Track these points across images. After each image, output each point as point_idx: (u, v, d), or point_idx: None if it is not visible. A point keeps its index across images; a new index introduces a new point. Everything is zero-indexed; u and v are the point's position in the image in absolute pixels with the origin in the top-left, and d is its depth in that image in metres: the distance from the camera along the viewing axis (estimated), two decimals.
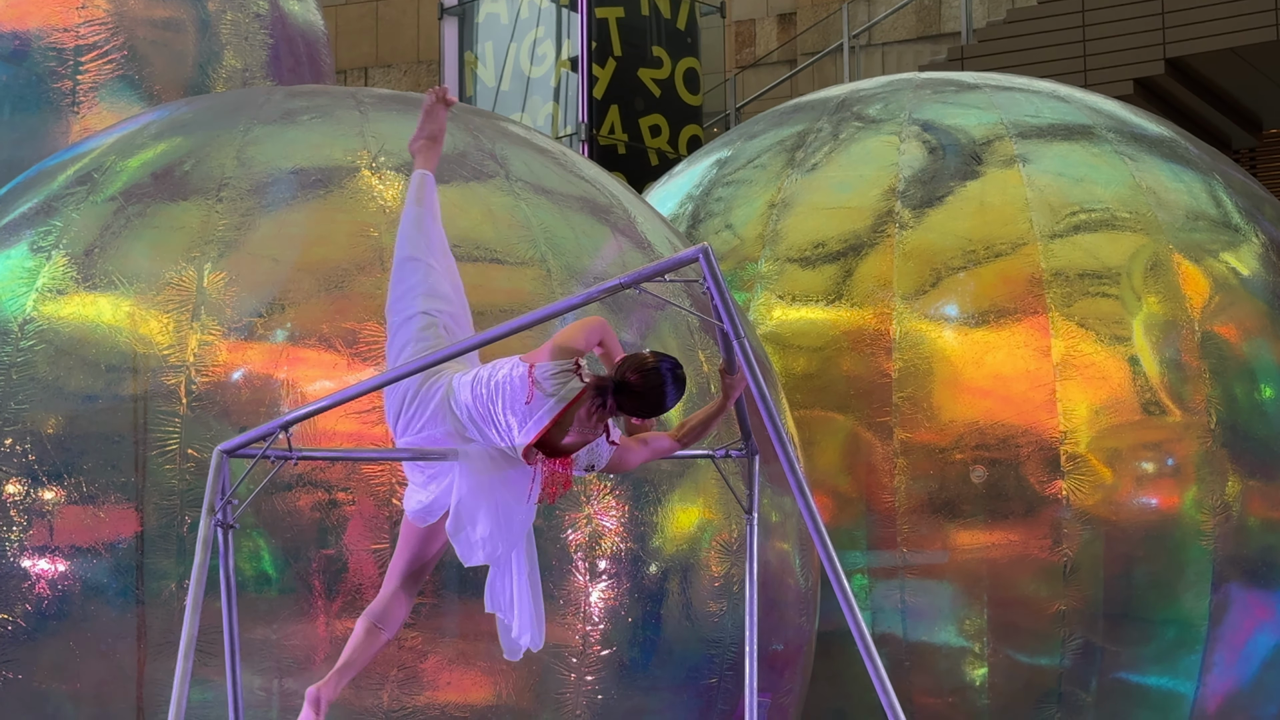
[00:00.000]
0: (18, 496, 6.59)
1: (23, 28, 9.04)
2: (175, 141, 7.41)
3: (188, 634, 5.10)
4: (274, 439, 5.17)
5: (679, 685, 6.96)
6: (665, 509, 6.93)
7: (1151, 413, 8.32)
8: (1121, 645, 8.18)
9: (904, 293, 8.50)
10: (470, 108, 8.07)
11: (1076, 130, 9.12)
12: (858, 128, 9.26)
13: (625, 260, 7.28)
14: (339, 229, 6.95)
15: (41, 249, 7.00)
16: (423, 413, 5.22)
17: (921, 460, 8.26)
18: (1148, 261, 8.57)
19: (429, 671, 6.53)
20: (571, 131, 15.16)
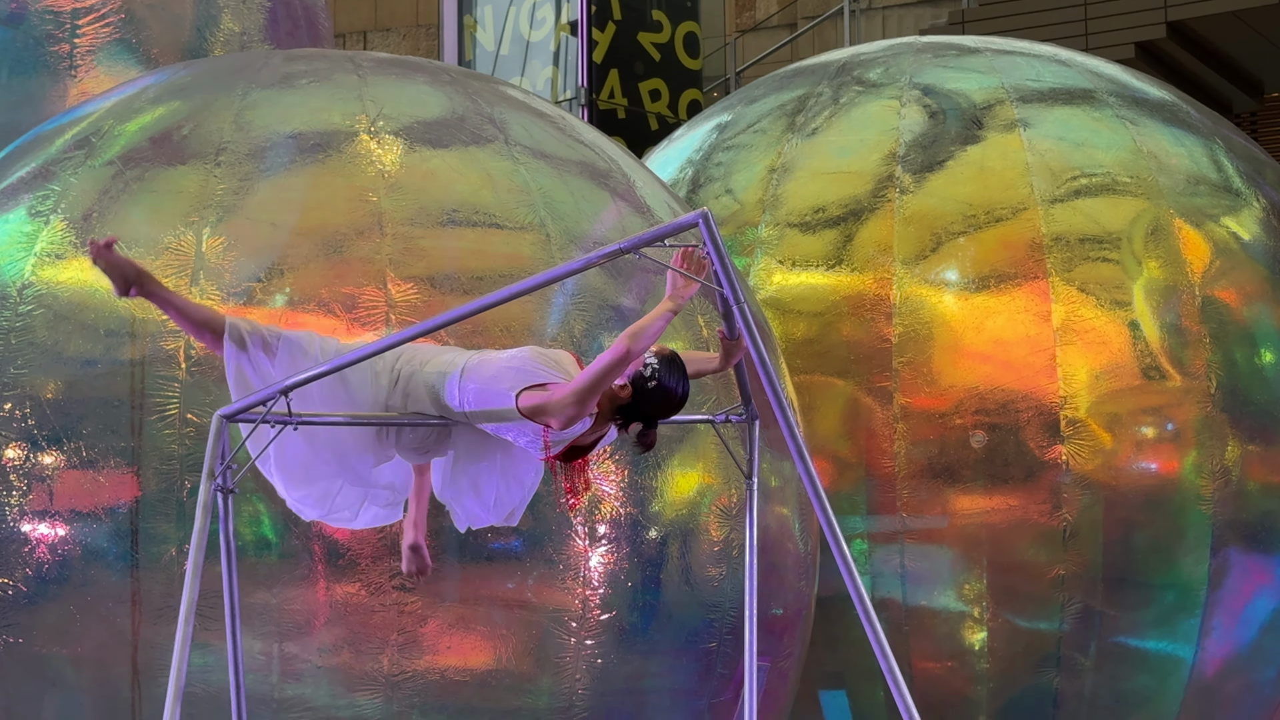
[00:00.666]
0: (17, 461, 6.60)
1: None
2: (173, 105, 7.39)
3: (188, 598, 5.11)
4: (274, 404, 5.17)
5: (678, 649, 6.98)
6: (665, 474, 6.93)
7: (1151, 377, 8.33)
8: (1120, 609, 8.20)
9: (904, 258, 8.49)
10: (469, 71, 8.06)
11: (1077, 94, 9.10)
12: (858, 92, 9.24)
13: (625, 225, 7.27)
14: (337, 193, 6.95)
15: (40, 213, 6.99)
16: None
17: (921, 425, 8.26)
18: (1148, 226, 8.57)
19: (429, 636, 6.54)
20: (571, 96, 15.13)
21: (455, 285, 6.72)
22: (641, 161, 8.63)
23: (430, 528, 6.47)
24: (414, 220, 6.87)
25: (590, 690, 6.72)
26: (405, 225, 6.83)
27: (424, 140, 7.20)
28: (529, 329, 6.79)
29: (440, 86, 7.58)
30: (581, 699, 6.72)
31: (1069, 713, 8.19)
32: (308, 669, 6.49)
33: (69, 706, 6.59)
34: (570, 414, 4.98)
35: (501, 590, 6.67)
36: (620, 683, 6.81)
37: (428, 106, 7.44)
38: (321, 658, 6.49)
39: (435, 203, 6.96)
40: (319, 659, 6.49)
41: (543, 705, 6.68)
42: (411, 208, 6.89)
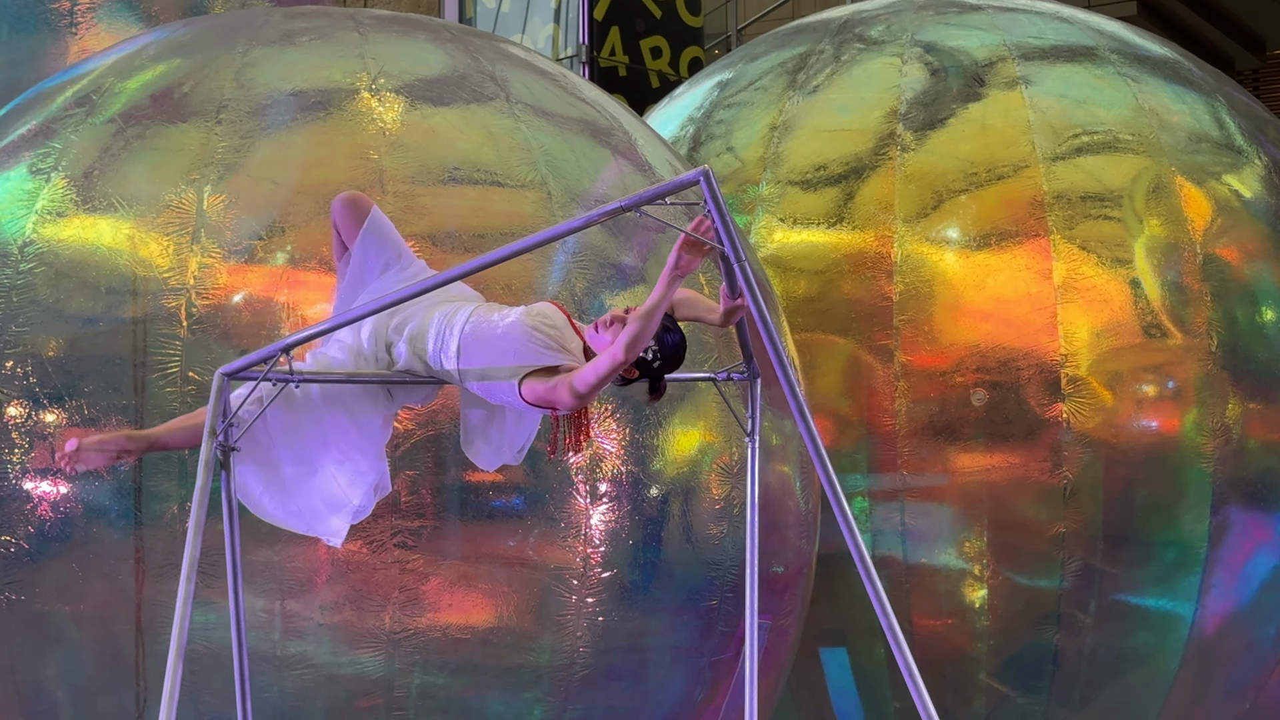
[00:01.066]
0: (19, 419, 6.60)
1: None
2: (174, 63, 7.37)
3: (190, 556, 5.12)
4: (275, 362, 5.18)
5: (679, 607, 7.00)
6: (666, 432, 6.94)
7: (1152, 335, 8.32)
8: (1121, 567, 8.21)
9: (905, 215, 8.48)
10: (470, 29, 8.03)
11: (1079, 52, 9.08)
12: (859, 49, 9.22)
13: (626, 183, 7.26)
14: (338, 151, 6.94)
15: (40, 171, 6.98)
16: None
17: (922, 383, 8.26)
18: (1150, 184, 8.55)
19: (430, 594, 6.56)
20: (572, 53, 15.08)
21: (456, 243, 6.72)
22: (643, 119, 8.61)
23: (432, 485, 6.50)
24: (415, 178, 6.86)
25: (591, 648, 6.74)
26: (406, 183, 6.82)
27: (425, 98, 7.19)
28: (530, 286, 6.79)
29: (441, 44, 7.56)
30: (583, 656, 6.74)
31: (1069, 670, 8.21)
32: (310, 626, 6.51)
33: (72, 663, 6.62)
34: (576, 405, 5.04)
35: (503, 548, 6.69)
36: (621, 640, 6.83)
37: (429, 64, 7.43)
38: (323, 615, 6.51)
39: (436, 160, 6.95)
40: (321, 616, 6.51)
41: (544, 663, 6.70)
42: (413, 165, 6.88)
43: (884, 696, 8.34)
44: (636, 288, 7.07)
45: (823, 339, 8.43)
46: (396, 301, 5.15)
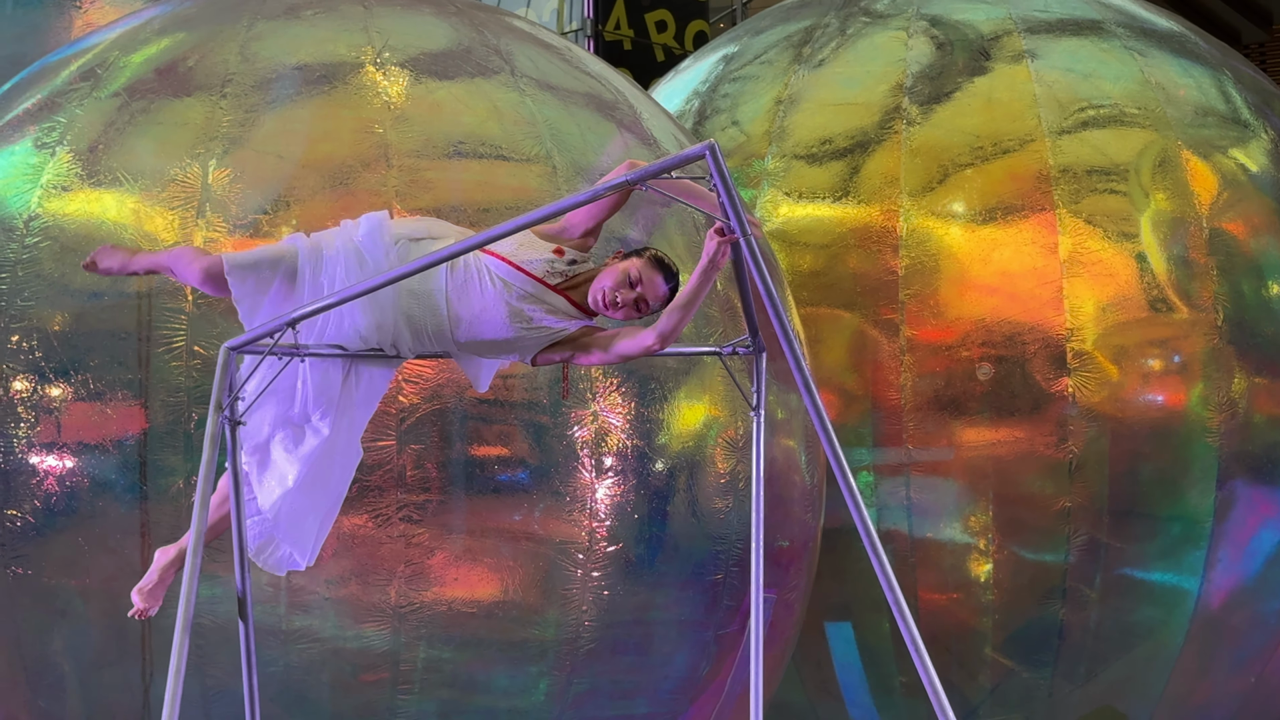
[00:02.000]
0: (25, 393, 6.61)
1: None
2: (179, 37, 7.37)
3: (196, 529, 5.13)
4: (281, 335, 5.17)
5: (685, 581, 7.00)
6: (671, 405, 6.94)
7: (1158, 310, 8.32)
8: (1126, 541, 8.21)
9: (911, 189, 8.47)
10: (475, 3, 8.01)
11: (1085, 25, 9.05)
12: (865, 23, 9.20)
13: (631, 157, 7.25)
14: (343, 125, 6.93)
15: (45, 145, 6.98)
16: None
17: (928, 357, 8.26)
18: (1156, 158, 8.54)
19: (436, 567, 6.56)
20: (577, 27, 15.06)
21: (461, 217, 6.71)
22: (648, 93, 8.60)
23: (437, 459, 6.51)
24: (420, 152, 6.85)
25: (597, 622, 6.75)
26: (411, 157, 6.82)
27: (430, 72, 7.18)
28: None
29: (446, 18, 7.55)
30: (588, 630, 6.74)
31: (1074, 644, 8.22)
32: (315, 600, 6.52)
33: (78, 637, 6.63)
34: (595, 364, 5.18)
35: (508, 522, 6.69)
36: (627, 614, 6.84)
37: (433, 38, 7.42)
38: (329, 589, 6.51)
39: (441, 134, 6.94)
40: (326, 590, 6.51)
41: (550, 637, 6.71)
42: (417, 139, 6.87)
43: (889, 671, 8.35)
44: None
45: (828, 313, 8.43)
46: (400, 276, 5.15)
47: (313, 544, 5.47)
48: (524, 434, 6.70)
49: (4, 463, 6.60)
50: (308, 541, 5.45)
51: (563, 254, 5.25)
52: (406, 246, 5.28)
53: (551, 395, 6.72)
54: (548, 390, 6.72)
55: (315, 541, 5.47)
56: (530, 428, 6.70)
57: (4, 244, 6.79)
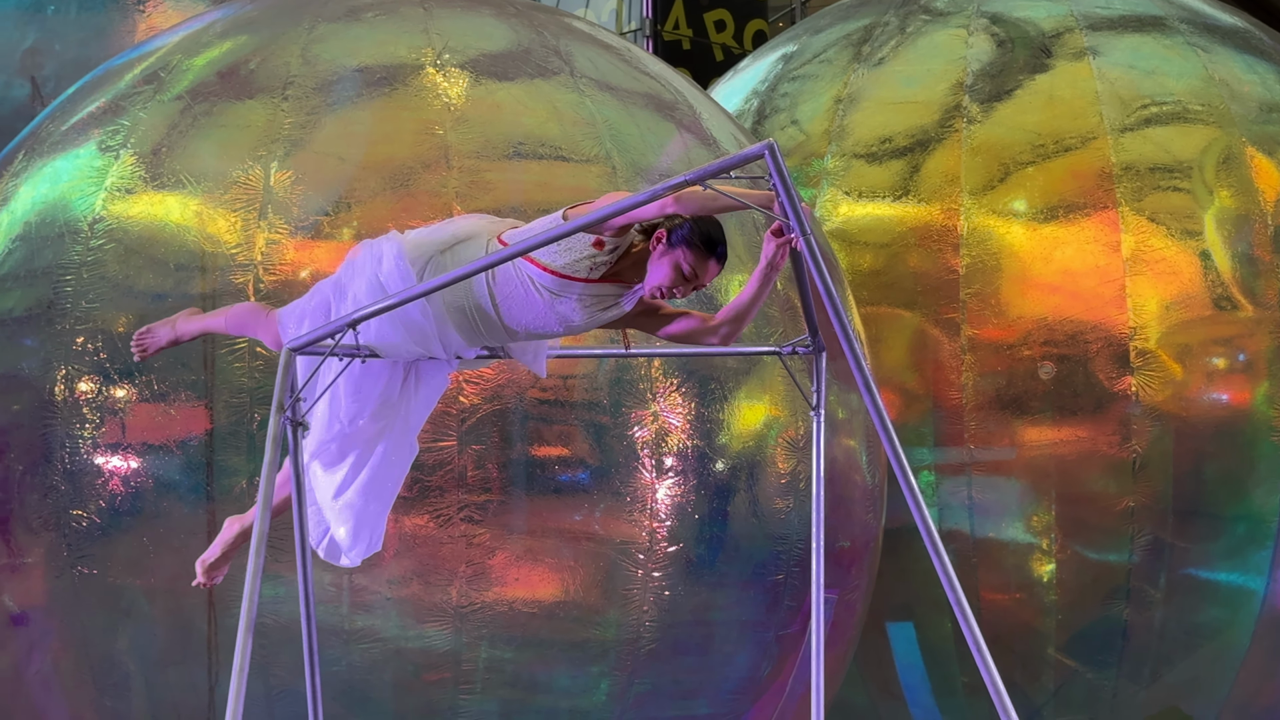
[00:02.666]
0: (90, 394, 6.66)
1: None
2: (241, 40, 7.40)
3: (259, 530, 5.15)
4: (341, 336, 5.19)
5: (745, 582, 6.99)
6: (731, 406, 6.93)
7: (1223, 308, 8.26)
8: (1191, 541, 8.16)
9: (972, 188, 8.44)
10: (534, 4, 8.03)
11: (1148, 21, 9.00)
12: (925, 21, 9.17)
13: (690, 157, 7.25)
14: (404, 127, 6.95)
15: (109, 148, 7.03)
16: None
17: (989, 356, 8.23)
18: (1220, 155, 8.48)
19: (497, 568, 6.58)
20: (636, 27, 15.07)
21: (521, 218, 6.69)
22: (707, 93, 8.59)
23: (498, 460, 6.52)
24: (480, 153, 6.86)
25: (657, 622, 6.75)
26: (471, 158, 6.83)
27: (490, 73, 7.19)
28: None
29: (505, 19, 7.56)
30: (649, 631, 6.74)
31: (1138, 645, 8.17)
32: (377, 600, 6.54)
33: (143, 637, 6.67)
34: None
35: (569, 522, 6.70)
36: (687, 615, 6.84)
37: (493, 39, 7.43)
38: (391, 589, 6.54)
39: (501, 135, 6.96)
40: (388, 590, 6.54)
41: (610, 637, 6.71)
42: (477, 141, 6.89)
43: (951, 671, 8.32)
44: None
45: (888, 312, 8.41)
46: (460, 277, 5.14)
47: (368, 540, 5.48)
48: (584, 434, 6.70)
49: (70, 463, 6.65)
50: (364, 538, 5.47)
51: (603, 246, 5.21)
52: (437, 262, 5.23)
53: (612, 395, 6.73)
54: (608, 390, 6.73)
55: (372, 537, 5.48)
56: (591, 428, 6.70)
57: (69, 246, 6.84)
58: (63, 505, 6.66)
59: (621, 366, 6.74)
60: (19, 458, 6.76)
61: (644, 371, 6.75)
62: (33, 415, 6.73)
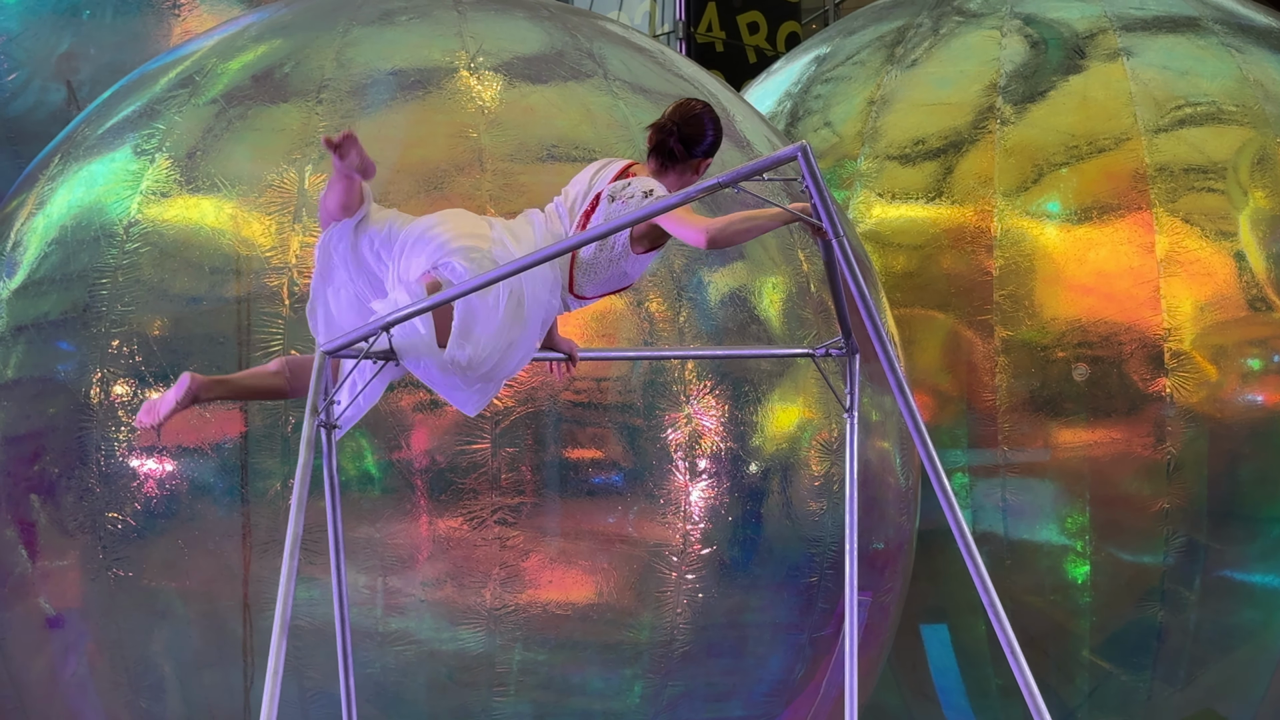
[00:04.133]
0: (125, 397, 6.67)
1: None
2: (275, 44, 7.41)
3: (293, 533, 5.14)
4: (376, 339, 5.18)
5: (779, 584, 6.98)
6: (765, 408, 6.92)
7: (1258, 309, 8.22)
8: (1226, 543, 8.12)
9: (1005, 189, 8.41)
10: (567, 6, 8.02)
11: (1182, 22, 8.96)
12: (958, 22, 9.14)
13: (723, 159, 7.23)
14: (438, 130, 6.95)
15: (145, 152, 7.04)
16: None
17: (1023, 358, 8.20)
18: (1255, 155, 8.43)
19: (531, 570, 6.57)
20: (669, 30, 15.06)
21: None
22: (740, 95, 8.58)
23: (532, 462, 6.52)
24: (514, 156, 6.86)
25: (691, 624, 6.74)
26: (505, 161, 6.83)
27: (523, 76, 7.19)
28: None
29: (539, 22, 7.56)
30: (683, 633, 6.73)
31: (1173, 647, 8.13)
32: (411, 603, 6.54)
33: (178, 639, 6.68)
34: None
35: (603, 525, 6.69)
36: (721, 617, 6.82)
37: (527, 42, 7.43)
38: (425, 591, 6.53)
39: (535, 138, 6.95)
40: (422, 593, 6.53)
41: (644, 639, 6.70)
42: (511, 143, 6.88)
43: (986, 673, 8.29)
44: (735, 264, 7.05)
45: (922, 314, 8.38)
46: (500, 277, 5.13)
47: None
48: (618, 437, 6.69)
49: (105, 466, 6.66)
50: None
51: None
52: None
53: (645, 398, 6.71)
54: (641, 393, 6.71)
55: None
56: (624, 430, 6.69)
57: (104, 250, 6.86)
58: (98, 508, 6.67)
59: (655, 369, 6.73)
60: (55, 460, 6.78)
61: (677, 374, 6.74)
62: (68, 418, 6.75)
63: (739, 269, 7.04)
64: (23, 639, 6.98)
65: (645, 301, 6.80)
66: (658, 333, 6.78)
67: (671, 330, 6.80)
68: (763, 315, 7.03)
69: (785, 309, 7.10)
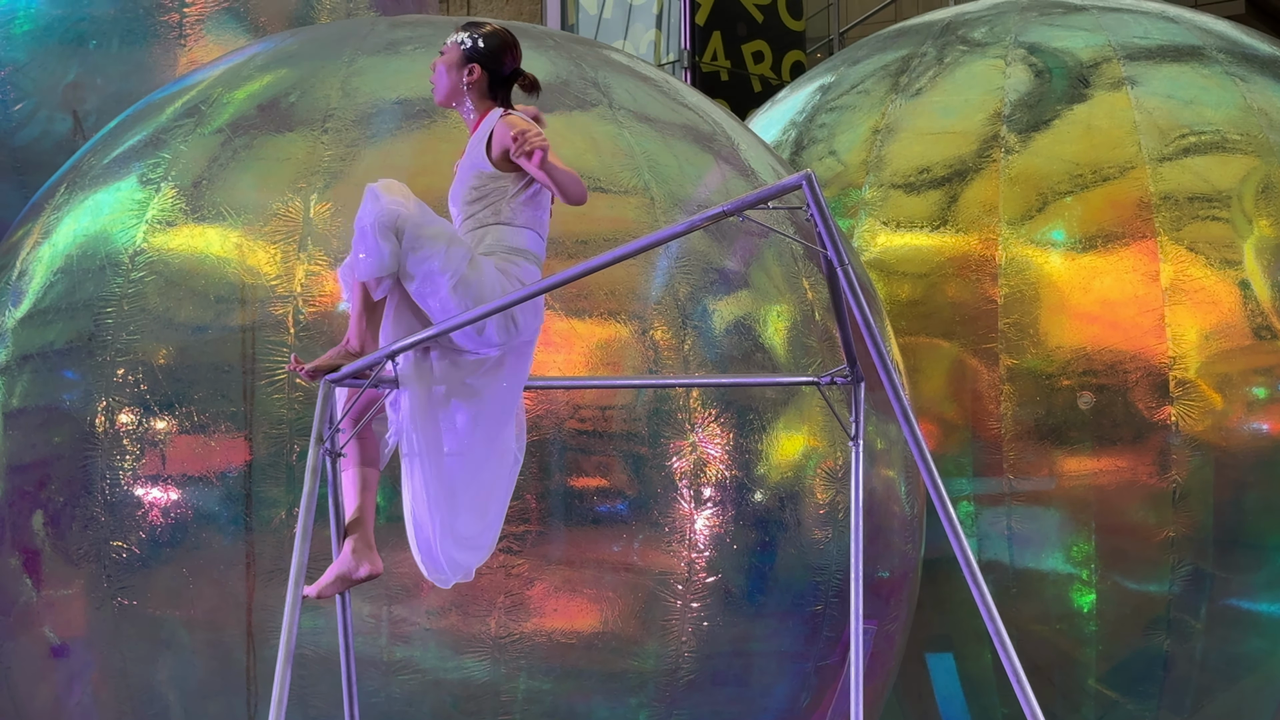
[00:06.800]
0: (130, 426, 6.68)
1: None
2: (281, 73, 7.43)
3: (298, 561, 5.15)
4: (380, 368, 5.19)
5: (784, 612, 6.97)
6: (770, 436, 6.92)
7: (1263, 337, 8.21)
8: (1232, 572, 8.11)
9: (1010, 218, 8.42)
10: (573, 36, 8.05)
11: (1186, 51, 8.97)
12: (962, 51, 9.16)
13: (729, 188, 7.24)
14: (443, 159, 6.95)
15: (150, 181, 7.06)
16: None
17: (1028, 386, 8.20)
18: (1259, 184, 8.44)
19: (535, 598, 6.56)
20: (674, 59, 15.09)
21: (560, 249, 6.72)
22: (745, 124, 8.59)
23: (536, 490, 6.51)
24: None
25: (696, 653, 6.73)
26: None
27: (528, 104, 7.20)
28: (633, 292, 6.79)
29: (544, 51, 7.57)
30: (687, 661, 6.72)
31: (1180, 676, 8.11)
32: (416, 631, 6.53)
33: (183, 668, 6.68)
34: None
35: (607, 553, 6.69)
36: (726, 645, 6.81)
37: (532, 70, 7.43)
38: (429, 620, 6.53)
39: None
40: (427, 621, 6.53)
41: (649, 668, 6.69)
42: None
43: (991, 702, 8.27)
44: (740, 292, 7.05)
45: (927, 342, 8.38)
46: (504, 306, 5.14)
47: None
48: (622, 465, 6.69)
49: (110, 495, 6.66)
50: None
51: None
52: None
53: (650, 426, 6.71)
54: (646, 421, 6.71)
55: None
56: (629, 459, 6.69)
57: (110, 279, 6.87)
58: (103, 536, 6.67)
59: (660, 397, 6.73)
60: (60, 489, 6.78)
61: (682, 402, 6.74)
62: (73, 447, 6.75)
63: (744, 297, 7.05)
64: (27, 668, 6.98)
65: (650, 330, 6.80)
66: (662, 361, 6.78)
67: (676, 358, 6.80)
68: (767, 343, 7.03)
69: (790, 337, 7.10)
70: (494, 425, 5.29)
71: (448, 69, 5.48)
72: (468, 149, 5.42)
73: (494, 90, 5.46)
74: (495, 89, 5.46)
